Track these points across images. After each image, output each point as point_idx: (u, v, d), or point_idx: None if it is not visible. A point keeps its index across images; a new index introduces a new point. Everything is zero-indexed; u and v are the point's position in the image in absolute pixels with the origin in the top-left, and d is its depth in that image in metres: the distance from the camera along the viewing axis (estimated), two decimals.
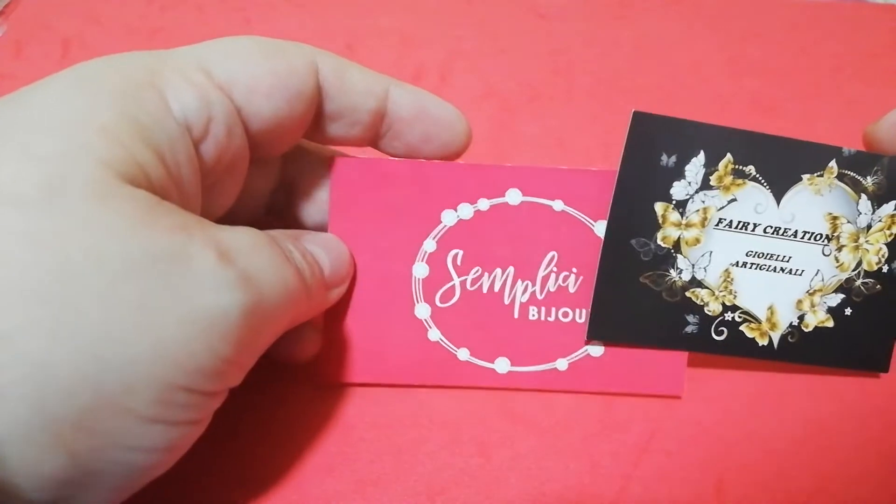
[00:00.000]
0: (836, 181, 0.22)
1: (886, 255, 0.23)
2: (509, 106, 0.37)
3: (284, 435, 0.22)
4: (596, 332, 0.23)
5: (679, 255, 0.22)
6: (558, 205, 0.22)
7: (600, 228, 0.22)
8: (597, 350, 0.23)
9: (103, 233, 0.14)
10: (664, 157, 0.21)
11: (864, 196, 0.22)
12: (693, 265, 0.22)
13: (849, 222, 0.22)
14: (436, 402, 0.23)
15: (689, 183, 0.22)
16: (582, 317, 0.22)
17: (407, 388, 0.23)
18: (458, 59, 0.40)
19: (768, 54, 0.43)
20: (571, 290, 0.22)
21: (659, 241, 0.22)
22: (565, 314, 0.23)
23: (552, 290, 0.22)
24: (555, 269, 0.22)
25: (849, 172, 0.22)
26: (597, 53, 0.42)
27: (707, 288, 0.23)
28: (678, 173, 0.22)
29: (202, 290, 0.15)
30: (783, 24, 0.46)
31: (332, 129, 0.20)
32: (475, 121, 0.37)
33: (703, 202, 0.22)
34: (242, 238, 0.17)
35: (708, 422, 0.23)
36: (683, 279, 0.23)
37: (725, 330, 0.23)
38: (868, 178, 0.22)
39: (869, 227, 0.22)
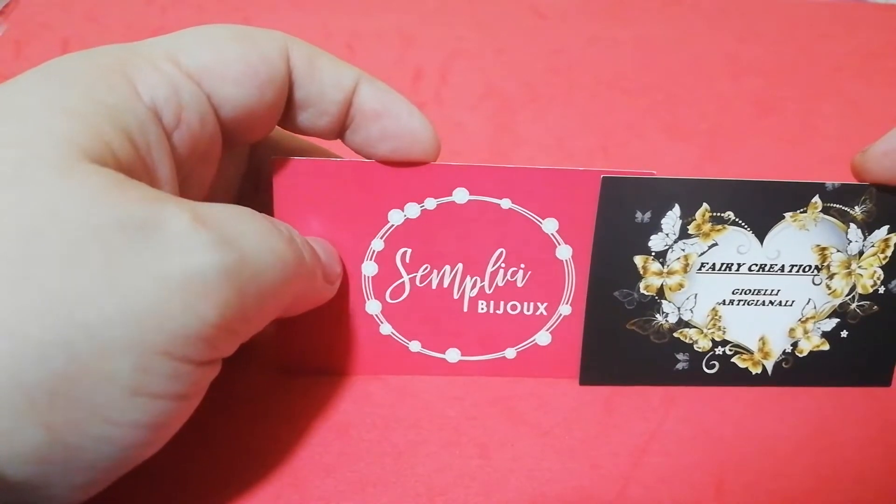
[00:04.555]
0: (822, 215, 0.22)
1: (882, 277, 0.23)
2: (509, 106, 0.37)
3: (285, 435, 0.22)
4: (588, 377, 0.24)
5: (664, 301, 0.23)
6: (506, 203, 0.22)
7: (549, 226, 0.22)
8: (544, 339, 0.23)
9: (66, 201, 0.14)
10: (638, 215, 0.22)
11: (853, 225, 0.22)
12: (679, 308, 0.23)
13: (838, 251, 0.22)
14: (436, 402, 0.23)
15: (667, 235, 0.22)
16: (529, 309, 0.23)
17: (407, 390, 0.23)
18: (458, 59, 0.40)
19: (768, 54, 0.43)
20: (519, 284, 0.23)
21: (642, 290, 0.23)
22: (514, 307, 0.23)
23: (501, 284, 0.23)
24: (503, 265, 0.22)
25: (834, 205, 0.22)
26: (597, 53, 0.42)
27: (695, 327, 0.23)
28: (654, 227, 0.22)
29: (174, 251, 0.15)
30: (783, 24, 0.46)
31: (301, 119, 0.20)
32: (475, 121, 0.37)
33: (684, 250, 0.22)
34: (222, 209, 0.17)
35: (708, 422, 0.23)
36: (670, 322, 0.23)
37: (717, 363, 0.24)
38: (856, 207, 0.22)
39: (861, 253, 0.23)
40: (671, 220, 0.22)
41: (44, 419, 0.14)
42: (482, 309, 0.23)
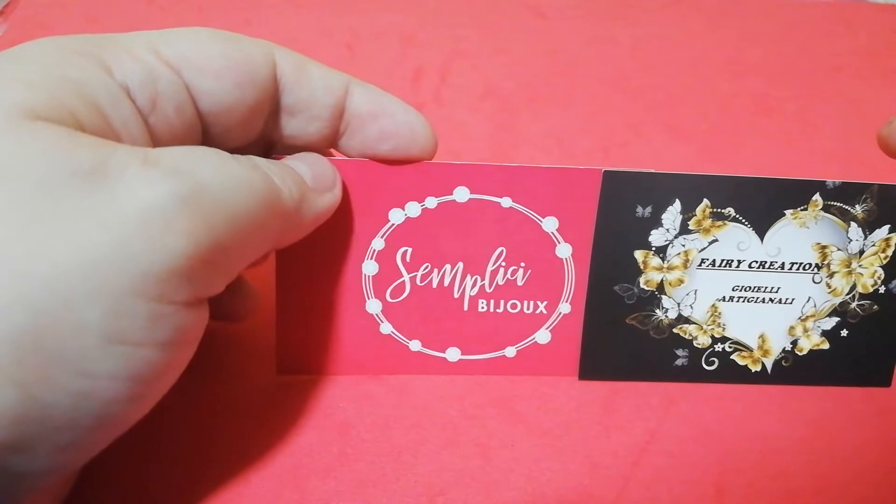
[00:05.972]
0: (822, 213, 0.22)
1: (882, 277, 0.23)
2: (509, 106, 0.37)
3: (285, 435, 0.22)
4: (587, 372, 0.24)
5: (663, 296, 0.23)
6: (506, 202, 0.22)
7: (549, 224, 0.22)
8: (544, 337, 0.23)
9: (12, 158, 0.14)
10: (639, 209, 0.22)
11: (853, 224, 0.22)
12: (679, 304, 0.23)
13: (839, 250, 0.22)
14: (436, 402, 0.23)
15: (668, 230, 0.22)
16: (529, 307, 0.23)
17: (407, 390, 0.23)
18: (458, 59, 0.40)
19: (768, 54, 0.43)
20: (520, 283, 0.23)
21: (642, 285, 0.23)
22: (514, 306, 0.23)
23: (501, 283, 0.23)
24: (503, 263, 0.23)
25: (835, 203, 0.22)
26: (597, 53, 0.42)
27: (694, 323, 0.23)
28: (655, 222, 0.22)
29: (126, 190, 0.14)
30: (783, 24, 0.46)
31: (292, 126, 0.20)
32: (475, 121, 0.37)
33: (684, 245, 0.22)
34: (175, 148, 0.16)
35: (708, 422, 0.23)
36: (670, 317, 0.23)
37: (716, 360, 0.24)
38: (857, 206, 0.22)
39: (861, 252, 0.23)
40: (672, 215, 0.22)
41: (13, 377, 0.13)
42: (482, 308, 0.23)
